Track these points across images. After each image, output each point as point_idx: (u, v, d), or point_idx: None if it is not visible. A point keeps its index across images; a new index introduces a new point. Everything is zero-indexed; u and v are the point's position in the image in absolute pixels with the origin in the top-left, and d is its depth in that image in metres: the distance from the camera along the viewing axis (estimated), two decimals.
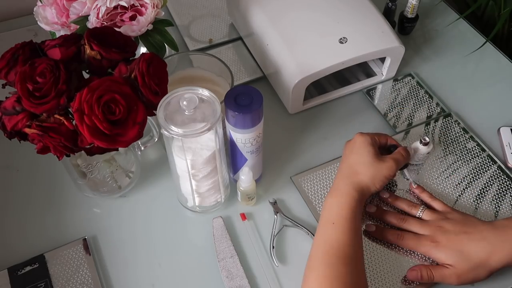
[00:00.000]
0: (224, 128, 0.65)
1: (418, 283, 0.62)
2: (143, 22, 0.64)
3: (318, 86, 0.85)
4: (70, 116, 0.55)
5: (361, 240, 0.60)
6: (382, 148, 0.70)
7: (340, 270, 0.55)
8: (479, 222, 0.63)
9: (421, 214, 0.66)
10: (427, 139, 0.69)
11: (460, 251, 0.60)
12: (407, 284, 0.63)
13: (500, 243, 0.59)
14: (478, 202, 0.71)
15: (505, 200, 0.71)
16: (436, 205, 0.68)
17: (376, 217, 0.69)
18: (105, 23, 0.63)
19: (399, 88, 0.87)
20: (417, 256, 0.65)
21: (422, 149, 0.70)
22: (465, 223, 0.63)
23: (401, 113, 0.83)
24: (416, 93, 0.86)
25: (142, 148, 0.72)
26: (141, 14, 0.64)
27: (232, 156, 0.68)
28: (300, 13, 0.81)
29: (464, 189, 0.72)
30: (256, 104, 0.60)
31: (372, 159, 0.64)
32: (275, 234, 0.68)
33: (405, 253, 0.66)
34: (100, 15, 0.63)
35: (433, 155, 0.77)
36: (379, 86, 0.87)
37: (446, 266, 0.61)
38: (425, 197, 0.69)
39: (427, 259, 0.65)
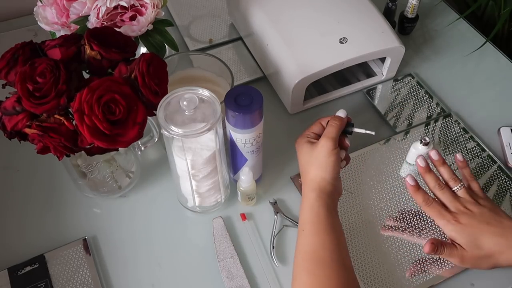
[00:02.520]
0: (224, 128, 0.65)
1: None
2: (143, 22, 0.64)
3: (318, 86, 0.85)
4: (70, 116, 0.55)
5: (340, 237, 0.59)
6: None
7: (318, 274, 0.55)
8: (507, 218, 0.62)
9: (458, 189, 0.66)
10: (427, 139, 0.69)
11: (475, 238, 0.61)
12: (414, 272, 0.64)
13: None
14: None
15: (505, 200, 0.71)
16: (474, 186, 0.67)
17: (420, 171, 0.68)
18: (105, 23, 0.63)
19: (399, 88, 0.87)
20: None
21: (422, 149, 0.70)
22: (492, 215, 0.63)
23: (401, 113, 0.83)
24: (416, 93, 0.86)
25: (142, 148, 0.72)
26: (141, 14, 0.64)
27: (232, 156, 0.68)
28: (300, 13, 0.81)
29: None
30: (256, 104, 0.60)
31: (309, 153, 0.63)
32: (275, 234, 0.68)
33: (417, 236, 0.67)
34: (100, 15, 0.63)
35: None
36: (379, 86, 0.87)
37: (455, 245, 0.62)
38: (466, 173, 0.68)
39: (441, 234, 0.66)
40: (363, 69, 0.88)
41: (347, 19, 0.81)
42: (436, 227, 0.68)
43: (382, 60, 0.85)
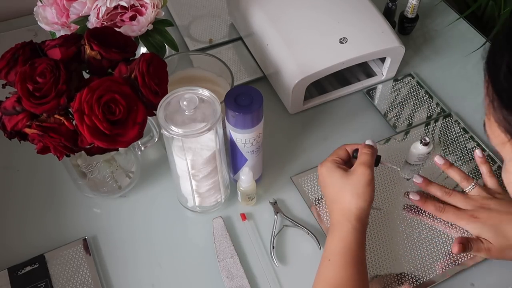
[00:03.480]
0: (224, 128, 0.65)
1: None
2: (143, 22, 0.64)
3: (318, 86, 0.85)
4: (70, 116, 0.55)
5: (365, 273, 0.58)
6: (348, 161, 0.66)
7: None
8: None
9: (472, 188, 0.66)
10: (427, 139, 0.69)
11: (498, 228, 0.61)
12: (431, 238, 0.66)
13: None
14: None
15: None
16: (493, 181, 0.67)
17: (422, 187, 0.68)
18: (105, 23, 0.63)
19: (399, 88, 0.87)
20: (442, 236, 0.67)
21: (422, 149, 0.70)
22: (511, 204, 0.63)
23: (401, 113, 0.83)
24: (416, 93, 0.86)
25: (142, 148, 0.72)
26: (141, 14, 0.64)
27: (232, 156, 0.68)
28: (300, 13, 0.81)
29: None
30: (256, 104, 0.60)
31: (343, 180, 0.61)
32: (275, 234, 0.68)
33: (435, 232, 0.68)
34: (100, 15, 0.63)
35: (433, 155, 0.76)
36: (379, 86, 0.87)
37: (481, 240, 0.62)
38: (484, 169, 0.69)
39: (464, 231, 0.66)
40: (363, 69, 0.88)
41: (347, 19, 0.81)
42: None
43: (382, 60, 0.85)
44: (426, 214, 0.69)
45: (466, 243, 0.62)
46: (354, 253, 0.57)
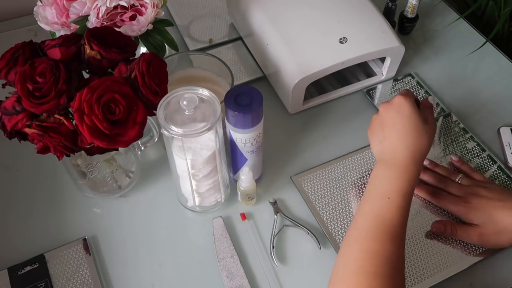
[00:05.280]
0: (224, 128, 0.65)
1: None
2: (143, 22, 0.64)
3: (318, 86, 0.85)
4: (70, 116, 0.55)
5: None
6: None
7: (386, 248, 0.53)
8: None
9: (459, 180, 0.68)
10: None
11: (489, 214, 0.62)
12: (430, 238, 0.66)
13: None
14: None
15: None
16: (477, 176, 0.69)
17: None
18: (105, 23, 0.63)
19: (399, 88, 0.87)
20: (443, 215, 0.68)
21: None
22: (502, 193, 0.64)
23: None
24: (416, 93, 0.86)
25: (142, 148, 0.72)
26: (141, 14, 0.64)
27: (232, 156, 0.68)
28: (300, 13, 0.81)
29: None
30: (256, 104, 0.60)
31: (423, 124, 0.61)
32: (275, 234, 0.68)
33: (432, 209, 0.69)
34: (100, 15, 0.63)
35: (433, 155, 0.76)
36: (379, 86, 0.87)
37: (472, 226, 0.63)
38: (466, 168, 0.71)
39: (455, 218, 0.67)
40: (363, 69, 0.88)
41: (347, 19, 0.81)
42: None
43: (382, 60, 0.85)
44: (426, 213, 0.69)
45: (447, 224, 0.63)
46: (411, 198, 0.57)
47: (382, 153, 0.62)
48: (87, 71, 0.59)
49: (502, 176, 0.74)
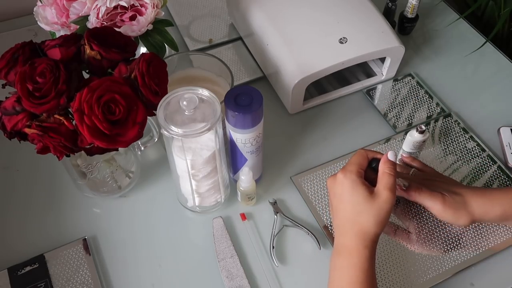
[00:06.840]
0: (224, 128, 0.65)
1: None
2: (143, 22, 0.64)
3: (318, 86, 0.85)
4: (70, 116, 0.55)
5: None
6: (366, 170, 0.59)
7: None
8: (469, 187, 0.64)
9: (412, 175, 0.67)
10: (423, 127, 0.70)
11: (451, 185, 0.63)
12: (430, 238, 0.66)
13: (483, 203, 0.61)
14: None
15: None
16: (429, 170, 0.68)
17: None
18: (105, 23, 0.63)
19: (399, 88, 0.87)
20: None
21: (418, 137, 0.70)
22: (455, 183, 0.65)
23: (401, 113, 0.83)
24: (416, 93, 0.86)
25: (142, 148, 0.72)
26: (141, 14, 0.64)
27: (232, 156, 0.68)
28: (300, 13, 0.81)
29: None
30: (256, 104, 0.60)
31: (367, 202, 0.54)
32: (275, 234, 0.68)
33: None
34: (100, 15, 0.63)
35: (433, 155, 0.77)
36: (379, 86, 0.87)
37: (437, 193, 0.61)
38: (417, 164, 0.69)
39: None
40: (363, 69, 0.88)
41: (347, 19, 0.81)
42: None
43: (382, 60, 0.85)
44: (426, 214, 0.69)
45: (413, 184, 0.62)
46: (372, 280, 0.54)
47: (336, 235, 0.58)
48: (87, 71, 0.59)
49: (502, 176, 0.74)
